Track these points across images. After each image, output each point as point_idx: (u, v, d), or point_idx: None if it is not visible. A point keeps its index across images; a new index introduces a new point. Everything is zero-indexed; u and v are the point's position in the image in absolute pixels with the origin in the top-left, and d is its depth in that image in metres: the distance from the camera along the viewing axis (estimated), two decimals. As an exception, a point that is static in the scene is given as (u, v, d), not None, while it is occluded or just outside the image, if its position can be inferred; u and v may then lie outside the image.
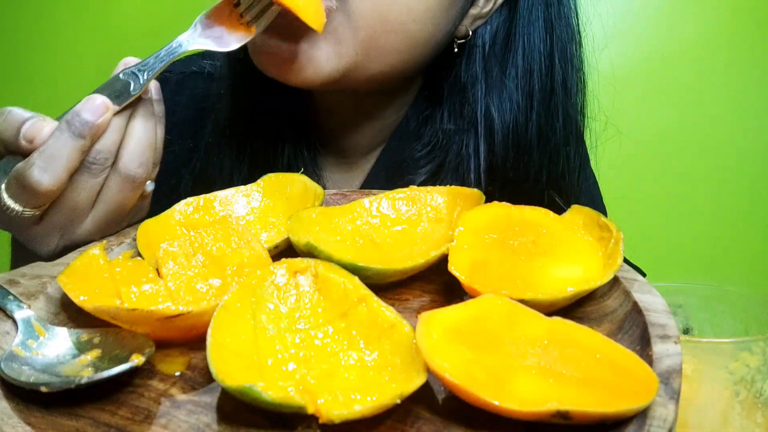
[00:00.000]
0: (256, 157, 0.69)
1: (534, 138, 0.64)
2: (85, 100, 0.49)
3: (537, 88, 0.63)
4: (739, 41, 1.18)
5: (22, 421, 0.34)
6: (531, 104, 0.63)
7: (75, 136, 0.48)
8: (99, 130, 0.49)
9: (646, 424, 0.31)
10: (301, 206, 0.51)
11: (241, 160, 0.69)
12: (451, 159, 0.66)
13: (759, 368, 0.42)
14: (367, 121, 0.71)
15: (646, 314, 0.38)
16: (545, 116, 0.64)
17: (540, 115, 0.64)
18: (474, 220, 0.46)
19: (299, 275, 0.41)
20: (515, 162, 0.64)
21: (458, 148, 0.65)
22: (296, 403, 0.32)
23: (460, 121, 0.66)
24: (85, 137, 0.48)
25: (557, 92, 0.64)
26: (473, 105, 0.64)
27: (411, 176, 0.67)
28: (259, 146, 0.69)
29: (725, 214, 1.24)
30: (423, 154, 0.68)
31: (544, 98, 0.64)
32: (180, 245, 0.46)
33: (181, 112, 0.74)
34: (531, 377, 0.34)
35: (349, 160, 0.74)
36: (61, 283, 0.41)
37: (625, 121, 1.22)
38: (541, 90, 0.64)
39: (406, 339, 0.36)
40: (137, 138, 0.52)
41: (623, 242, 0.43)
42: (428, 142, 0.68)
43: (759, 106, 1.20)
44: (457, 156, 0.66)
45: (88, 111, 0.48)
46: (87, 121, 0.48)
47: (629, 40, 1.20)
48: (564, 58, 0.64)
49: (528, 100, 0.63)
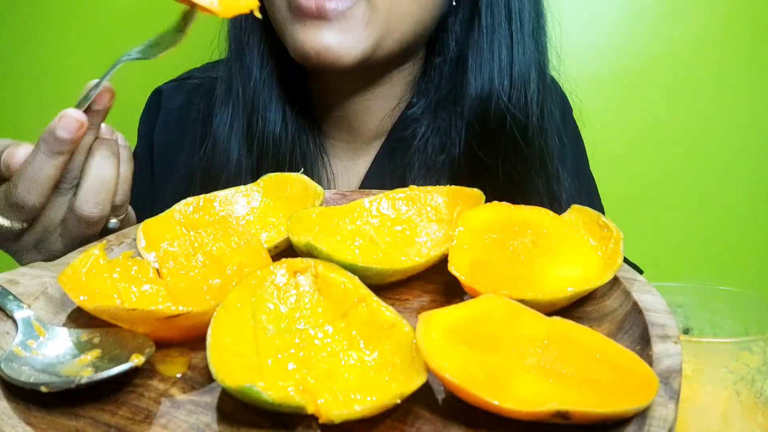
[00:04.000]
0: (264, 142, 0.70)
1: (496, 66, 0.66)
2: (58, 118, 0.49)
3: (497, 21, 0.66)
4: (739, 42, 1.18)
5: (22, 421, 0.34)
6: (492, 37, 0.67)
7: (52, 155, 0.49)
8: (76, 144, 0.50)
9: (646, 424, 0.31)
10: (301, 206, 0.51)
11: (250, 145, 0.70)
12: (445, 95, 0.68)
13: (759, 368, 0.42)
14: (376, 101, 0.72)
15: (646, 314, 0.38)
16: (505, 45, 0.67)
17: (501, 45, 0.67)
18: (474, 220, 0.46)
19: (299, 275, 0.41)
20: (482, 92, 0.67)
21: (449, 83, 0.68)
22: (296, 403, 0.32)
23: (448, 56, 0.69)
24: (63, 153, 0.49)
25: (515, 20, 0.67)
26: (459, 44, 0.68)
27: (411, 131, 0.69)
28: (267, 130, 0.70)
29: (725, 214, 1.24)
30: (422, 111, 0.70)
31: (504, 29, 0.67)
32: (180, 245, 0.46)
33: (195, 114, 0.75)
34: (531, 377, 0.34)
35: (358, 144, 0.74)
36: (61, 283, 0.41)
37: (625, 121, 1.22)
38: (502, 22, 0.67)
39: (406, 339, 0.36)
40: (93, 178, 0.52)
41: (623, 242, 0.43)
42: (427, 99, 0.70)
43: (759, 107, 1.20)
44: (450, 92, 0.68)
45: (62, 129, 0.49)
46: (63, 139, 0.49)
47: (630, 41, 1.20)
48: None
49: (490, 36, 0.67)
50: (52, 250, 0.55)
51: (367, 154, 0.74)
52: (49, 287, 0.44)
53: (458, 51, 0.68)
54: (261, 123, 0.69)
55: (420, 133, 0.69)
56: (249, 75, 0.69)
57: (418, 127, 0.69)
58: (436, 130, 0.69)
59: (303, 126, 0.71)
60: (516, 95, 0.66)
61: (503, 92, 0.66)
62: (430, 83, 0.70)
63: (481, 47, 0.66)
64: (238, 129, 0.69)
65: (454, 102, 0.68)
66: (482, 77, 0.66)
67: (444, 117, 0.69)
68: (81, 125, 0.49)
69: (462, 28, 0.68)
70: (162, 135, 0.78)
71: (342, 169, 0.75)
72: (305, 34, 0.60)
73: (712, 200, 1.24)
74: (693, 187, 1.24)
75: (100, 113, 0.51)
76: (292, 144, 0.70)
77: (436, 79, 0.70)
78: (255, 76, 0.69)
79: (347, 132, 0.74)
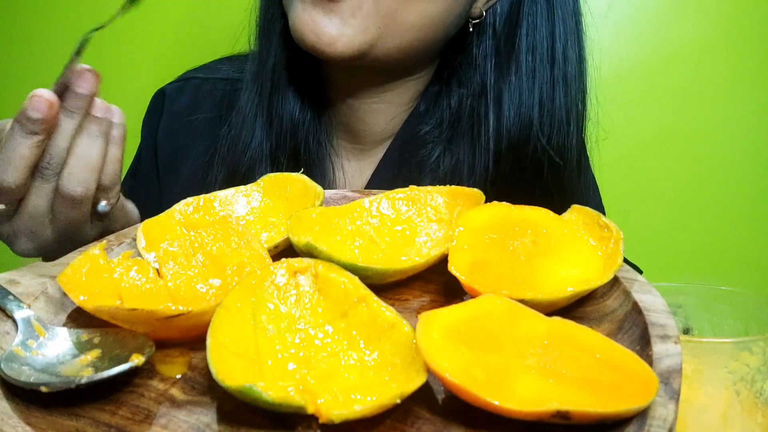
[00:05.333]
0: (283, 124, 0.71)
1: (536, 107, 0.66)
2: (29, 98, 0.49)
3: (540, 63, 0.66)
4: (741, 43, 1.18)
5: (22, 421, 0.34)
6: (534, 79, 0.66)
7: (26, 134, 0.49)
8: (48, 124, 0.50)
9: (646, 424, 0.31)
10: (301, 206, 0.51)
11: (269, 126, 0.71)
12: (464, 125, 0.68)
13: (759, 368, 0.42)
14: (382, 104, 0.72)
15: (646, 314, 0.38)
16: (547, 88, 0.67)
17: (543, 88, 0.67)
18: (474, 220, 0.46)
19: (299, 275, 0.41)
20: (520, 131, 0.67)
21: (470, 112, 0.68)
22: (296, 403, 0.32)
23: (471, 88, 0.69)
24: (37, 133, 0.50)
25: (558, 64, 0.67)
26: (483, 77, 0.68)
27: (424, 152, 0.70)
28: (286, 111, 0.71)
29: (726, 214, 1.24)
30: (433, 128, 0.70)
31: (545, 71, 0.67)
32: (180, 245, 0.46)
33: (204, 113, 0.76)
34: (531, 377, 0.34)
35: (365, 146, 0.75)
36: (61, 283, 0.41)
37: (625, 121, 1.22)
38: (545, 65, 0.67)
39: (406, 339, 0.36)
40: (78, 156, 0.52)
41: (623, 242, 0.43)
42: (439, 117, 0.70)
43: (759, 107, 1.20)
44: (469, 119, 0.68)
45: (33, 109, 0.49)
46: (34, 119, 0.49)
47: (632, 42, 1.20)
48: (565, 33, 0.67)
49: (531, 76, 0.66)
50: (43, 239, 0.55)
51: (372, 156, 0.75)
52: (49, 287, 0.44)
53: (482, 84, 0.68)
54: (282, 103, 0.70)
55: (434, 155, 0.69)
56: (275, 56, 0.70)
57: (433, 148, 0.70)
58: (450, 153, 0.69)
59: (316, 116, 0.72)
60: (556, 138, 0.66)
61: (543, 134, 0.66)
62: (444, 106, 0.70)
63: (520, 88, 0.66)
64: (261, 109, 0.71)
65: (476, 132, 0.68)
66: (520, 116, 0.66)
67: (461, 145, 0.69)
68: (51, 105, 0.49)
69: (488, 61, 0.68)
70: (166, 138, 0.78)
71: (348, 170, 0.75)
72: (305, 15, 0.61)
73: (712, 200, 1.24)
74: (693, 188, 1.24)
75: (83, 97, 0.51)
76: (307, 131, 0.71)
77: (454, 105, 0.70)
78: (278, 59, 0.70)
79: (353, 133, 0.74)
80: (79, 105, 0.52)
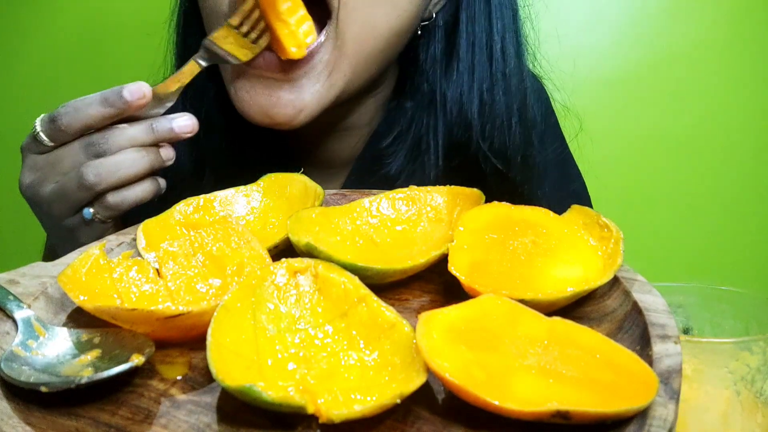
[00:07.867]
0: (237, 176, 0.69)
1: (476, 106, 0.65)
2: (132, 83, 0.53)
3: (479, 59, 0.65)
4: (738, 43, 1.18)
5: (22, 421, 0.34)
6: (473, 75, 0.65)
7: (105, 103, 0.53)
8: (129, 107, 0.53)
9: (646, 424, 0.31)
10: (301, 206, 0.51)
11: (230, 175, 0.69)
12: (415, 136, 0.68)
13: (759, 368, 0.42)
14: (345, 131, 0.71)
15: (646, 314, 0.38)
16: (487, 85, 0.66)
17: (482, 86, 0.65)
18: (474, 220, 0.46)
19: (299, 275, 0.41)
20: (464, 133, 0.66)
21: (419, 123, 0.67)
22: (296, 403, 0.32)
23: (420, 98, 0.68)
24: (113, 107, 0.53)
25: (497, 59, 0.65)
26: (432, 85, 0.67)
27: (386, 167, 0.68)
28: (242, 162, 0.70)
29: (725, 214, 1.24)
30: (390, 144, 0.69)
31: (484, 68, 0.66)
32: (180, 245, 0.46)
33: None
34: (531, 377, 0.34)
35: (332, 170, 0.74)
36: (61, 283, 0.41)
37: (625, 121, 1.22)
38: (483, 60, 0.66)
39: (406, 339, 0.36)
40: (118, 159, 0.54)
41: (623, 242, 0.43)
42: (397, 131, 0.69)
43: (758, 108, 1.20)
44: (418, 131, 0.67)
45: (127, 90, 0.53)
46: (122, 97, 0.52)
47: (629, 43, 1.20)
48: (503, 28, 0.66)
49: (470, 72, 0.65)
50: (42, 192, 0.57)
51: (341, 177, 0.74)
52: (49, 287, 0.44)
53: (430, 92, 0.66)
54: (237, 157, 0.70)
55: (394, 168, 0.68)
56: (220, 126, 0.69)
57: (393, 162, 0.68)
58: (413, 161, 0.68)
59: (279, 156, 0.71)
60: (498, 138, 0.65)
61: (484, 135, 0.65)
62: (401, 121, 0.69)
63: (461, 87, 0.65)
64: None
65: (426, 144, 0.67)
66: (461, 117, 0.65)
67: (417, 157, 0.68)
68: (144, 96, 0.53)
69: (436, 67, 0.66)
70: None
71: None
72: (251, 96, 0.58)
73: (712, 200, 1.24)
74: (693, 188, 1.24)
75: (168, 132, 0.55)
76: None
77: (407, 119, 0.68)
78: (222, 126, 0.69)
79: (319, 161, 0.74)
80: (161, 133, 0.55)
